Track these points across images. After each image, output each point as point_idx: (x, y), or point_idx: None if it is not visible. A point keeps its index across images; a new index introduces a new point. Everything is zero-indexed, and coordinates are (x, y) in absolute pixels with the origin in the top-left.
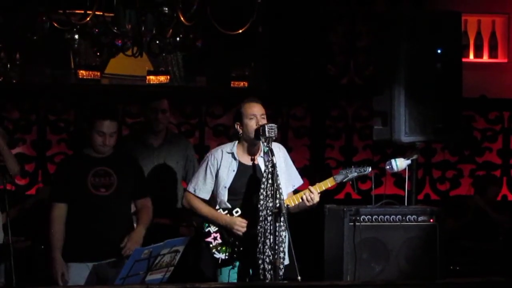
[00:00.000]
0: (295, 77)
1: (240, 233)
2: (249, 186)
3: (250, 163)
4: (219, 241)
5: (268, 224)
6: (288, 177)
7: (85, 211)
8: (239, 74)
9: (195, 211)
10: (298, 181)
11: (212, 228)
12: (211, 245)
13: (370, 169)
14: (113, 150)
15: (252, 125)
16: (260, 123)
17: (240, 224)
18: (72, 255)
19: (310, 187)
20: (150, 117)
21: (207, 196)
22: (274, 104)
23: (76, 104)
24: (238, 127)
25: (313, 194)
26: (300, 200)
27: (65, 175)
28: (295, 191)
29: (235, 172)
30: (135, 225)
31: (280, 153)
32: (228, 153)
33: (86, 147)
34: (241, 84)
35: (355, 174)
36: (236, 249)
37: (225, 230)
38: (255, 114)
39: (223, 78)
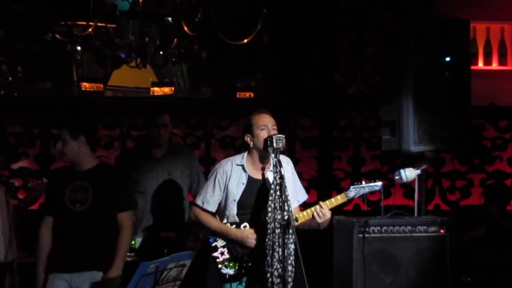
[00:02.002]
0: (302, 87)
1: (252, 245)
2: (258, 200)
3: (259, 176)
4: (227, 256)
5: (277, 236)
6: (294, 191)
7: (62, 225)
8: (245, 85)
9: (203, 225)
10: (303, 196)
11: (219, 243)
12: (218, 260)
13: (381, 184)
14: (96, 163)
15: (263, 135)
16: (271, 133)
17: (252, 237)
18: (51, 266)
19: (321, 202)
20: (153, 132)
21: (214, 209)
22: (281, 114)
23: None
24: (248, 139)
25: (324, 210)
26: (311, 216)
27: (50, 188)
28: (303, 206)
29: (244, 185)
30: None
31: (288, 167)
32: (238, 165)
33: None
34: (247, 94)
35: (367, 190)
36: (244, 264)
37: (235, 245)
38: (266, 125)
39: (229, 89)
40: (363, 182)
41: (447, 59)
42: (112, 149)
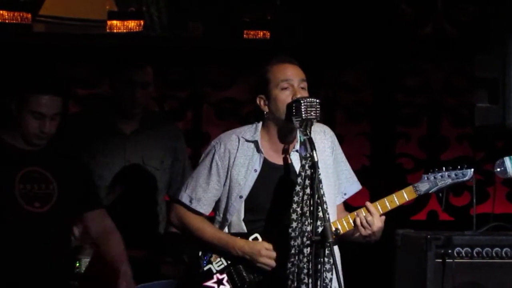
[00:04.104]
0: (347, 23)
1: (268, 268)
2: (276, 199)
3: (280, 161)
4: (226, 286)
5: (305, 259)
6: (336, 181)
7: (9, 234)
8: (256, 19)
9: (190, 233)
10: (353, 186)
11: (215, 266)
12: None
13: (472, 172)
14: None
15: (285, 98)
16: (298, 96)
17: (267, 254)
18: None
19: (368, 204)
20: (122, 93)
21: (208, 210)
22: (312, 66)
23: None
24: (261, 102)
25: (372, 218)
26: (353, 225)
27: None
28: (348, 207)
29: (257, 173)
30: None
31: (326, 142)
32: (249, 141)
33: (5, 131)
34: (260, 34)
35: (449, 181)
36: None
37: (240, 267)
38: (290, 81)
39: (231, 26)
40: (443, 169)
41: None
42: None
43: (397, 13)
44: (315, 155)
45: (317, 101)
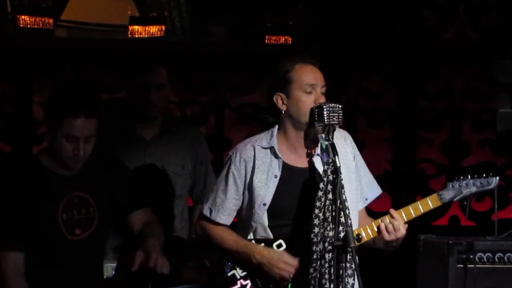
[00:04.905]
0: (369, 28)
1: (286, 275)
2: (300, 202)
3: (300, 164)
4: None
5: (326, 265)
6: (357, 186)
7: (50, 260)
8: (278, 24)
9: (213, 244)
10: (373, 190)
11: (239, 271)
12: None
13: (497, 181)
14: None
15: (308, 102)
16: (320, 101)
17: (289, 262)
18: None
19: (392, 211)
20: (138, 97)
21: (228, 220)
22: (334, 72)
23: (16, 70)
24: (279, 101)
25: (397, 222)
26: (377, 232)
27: (16, 203)
28: (370, 213)
29: (278, 178)
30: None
31: (347, 147)
32: (265, 148)
33: (42, 155)
34: (282, 39)
35: (474, 189)
36: None
37: (261, 273)
38: (315, 85)
39: (253, 31)
40: (468, 177)
41: None
42: None
43: (419, 18)
44: (337, 160)
45: (340, 106)
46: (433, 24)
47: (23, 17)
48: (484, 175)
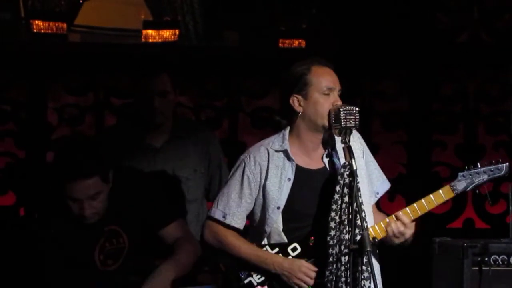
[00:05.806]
0: (383, 31)
1: (305, 285)
2: (314, 204)
3: (313, 166)
4: None
5: (343, 268)
6: (369, 183)
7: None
8: (291, 28)
9: (226, 250)
10: (383, 184)
11: (255, 278)
12: None
13: (507, 167)
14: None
15: (327, 104)
16: (337, 103)
17: (307, 271)
18: None
19: (399, 213)
20: (142, 104)
21: (242, 225)
22: (348, 75)
23: (30, 75)
24: (296, 103)
25: (403, 228)
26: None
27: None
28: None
29: (291, 181)
30: None
31: (355, 144)
32: (278, 151)
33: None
34: (296, 43)
35: (486, 177)
36: None
37: (279, 281)
38: (332, 88)
39: (267, 35)
40: (479, 166)
41: None
42: (82, 125)
43: (433, 21)
44: (353, 163)
45: (357, 109)
46: (447, 28)
47: (36, 22)
48: (493, 161)
